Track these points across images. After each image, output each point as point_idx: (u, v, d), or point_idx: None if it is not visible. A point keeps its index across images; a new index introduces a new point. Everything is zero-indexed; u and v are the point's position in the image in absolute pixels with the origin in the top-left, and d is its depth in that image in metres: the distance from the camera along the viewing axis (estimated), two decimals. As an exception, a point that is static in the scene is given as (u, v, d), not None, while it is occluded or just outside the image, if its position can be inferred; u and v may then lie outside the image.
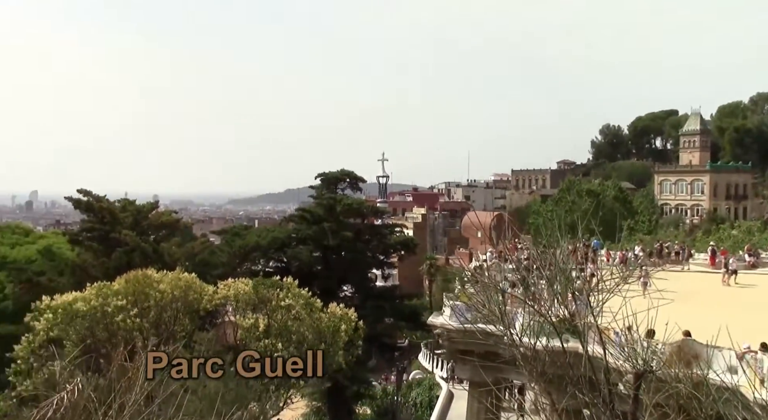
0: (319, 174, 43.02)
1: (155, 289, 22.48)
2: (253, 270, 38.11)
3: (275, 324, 22.95)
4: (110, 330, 21.60)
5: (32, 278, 34.83)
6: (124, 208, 38.09)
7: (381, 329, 37.61)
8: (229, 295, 23.90)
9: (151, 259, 32.94)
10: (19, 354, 20.69)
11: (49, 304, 21.43)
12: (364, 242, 40.61)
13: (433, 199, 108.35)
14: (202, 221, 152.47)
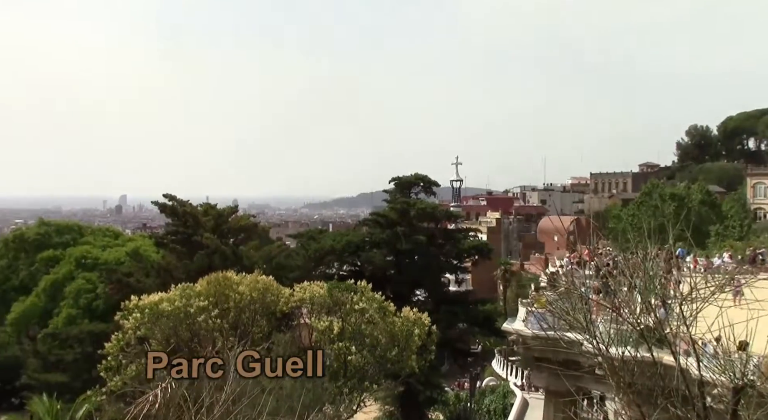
0: (393, 178, 43.21)
1: (235, 291, 23.15)
2: (328, 273, 38.67)
3: (349, 327, 23.14)
4: (192, 330, 22.39)
5: (121, 279, 36.61)
6: (206, 212, 39.49)
7: (454, 334, 37.28)
8: (305, 297, 24.30)
9: (230, 261, 34.01)
10: (110, 351, 21.69)
11: (137, 303, 22.39)
12: (438, 247, 40.41)
13: (508, 203, 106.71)
14: (278, 225, 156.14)
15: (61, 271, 48.56)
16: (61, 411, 18.14)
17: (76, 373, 31.79)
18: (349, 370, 21.89)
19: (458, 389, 43.34)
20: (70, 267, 48.59)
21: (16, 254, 54.11)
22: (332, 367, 21.93)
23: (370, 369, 22.40)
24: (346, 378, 21.54)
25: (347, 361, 21.87)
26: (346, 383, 21.30)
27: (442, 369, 38.82)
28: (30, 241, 54.39)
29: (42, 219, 62.42)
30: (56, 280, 47.92)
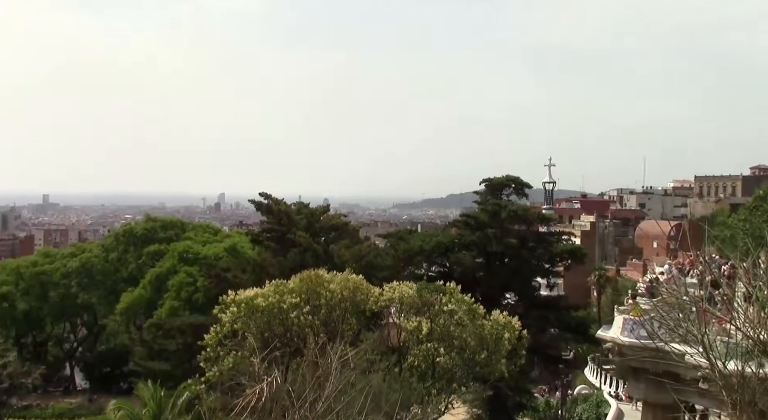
0: (483, 179, 42.68)
1: (326, 289, 23.61)
2: (416, 274, 38.69)
3: (438, 328, 23.05)
4: (285, 325, 23.05)
5: (219, 274, 38.22)
6: (299, 210, 40.57)
7: (545, 340, 36.33)
8: (394, 297, 24.41)
9: (322, 259, 34.76)
10: (208, 343, 22.67)
11: (234, 298, 23.27)
12: (529, 250, 39.51)
13: (604, 206, 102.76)
14: (367, 224, 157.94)
15: (165, 265, 51.26)
16: (164, 397, 19.13)
17: (178, 362, 33.49)
18: (437, 372, 21.82)
19: (548, 396, 42.23)
20: (173, 261, 51.19)
21: (126, 248, 57.60)
22: (420, 367, 21.94)
23: (459, 371, 22.22)
24: (434, 379, 21.48)
25: (435, 362, 21.80)
26: (434, 384, 21.22)
27: (531, 374, 37.98)
28: (138, 235, 57.82)
29: (149, 215, 66.29)
30: (160, 274, 50.66)
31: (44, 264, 57.67)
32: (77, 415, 44.22)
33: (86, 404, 48.44)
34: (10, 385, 23.20)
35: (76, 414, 44.66)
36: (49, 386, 53.59)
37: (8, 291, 55.35)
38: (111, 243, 59.36)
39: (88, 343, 62.56)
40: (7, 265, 61.05)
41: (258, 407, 3.49)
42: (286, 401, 3.56)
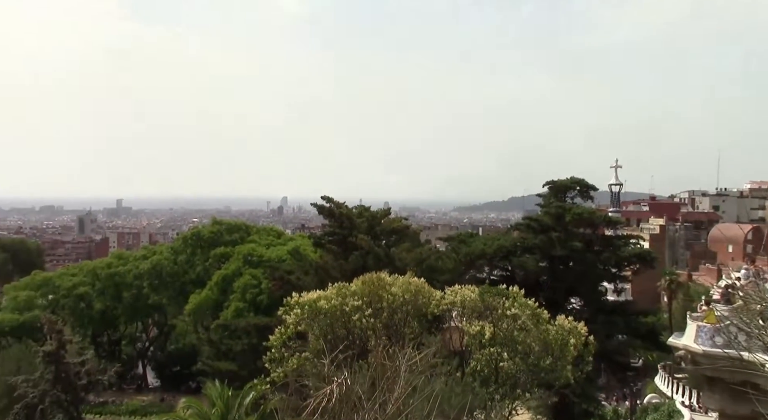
0: (547, 182, 41.84)
1: (388, 292, 23.62)
2: (478, 277, 38.29)
3: (501, 333, 22.69)
4: (348, 328, 23.18)
5: (283, 276, 38.89)
6: (360, 214, 40.85)
7: (612, 346, 35.25)
8: (456, 301, 24.20)
9: (383, 262, 34.86)
10: (273, 344, 23.04)
11: (297, 300, 23.57)
12: (595, 253, 38.46)
13: (674, 209, 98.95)
14: (428, 227, 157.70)
15: (230, 267, 52.48)
16: (231, 397, 19.58)
17: (244, 363, 34.25)
18: (500, 377, 21.46)
19: (616, 404, 40.93)
20: (239, 263, 52.35)
21: (193, 250, 59.31)
22: (483, 372, 21.64)
23: (522, 376, 21.80)
24: (498, 384, 21.13)
25: (498, 367, 21.46)
26: (498, 390, 20.89)
27: (599, 381, 36.90)
28: (205, 238, 59.46)
29: (215, 218, 68.09)
30: (226, 275, 51.87)
31: (118, 266, 60.05)
32: (149, 412, 45.82)
33: (158, 402, 50.15)
34: (88, 381, 24.30)
35: (148, 411, 46.28)
36: (123, 384, 55.70)
37: (85, 291, 57.92)
38: (179, 246, 61.16)
39: (158, 342, 64.77)
40: (84, 266, 63.86)
41: (328, 408, 3.51)
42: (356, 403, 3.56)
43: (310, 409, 3.67)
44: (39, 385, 23.35)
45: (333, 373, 4.00)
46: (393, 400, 3.65)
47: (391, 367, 4.03)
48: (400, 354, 4.23)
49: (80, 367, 24.28)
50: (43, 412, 22.95)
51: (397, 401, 3.68)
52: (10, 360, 39.39)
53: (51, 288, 58.35)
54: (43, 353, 23.55)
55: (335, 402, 3.65)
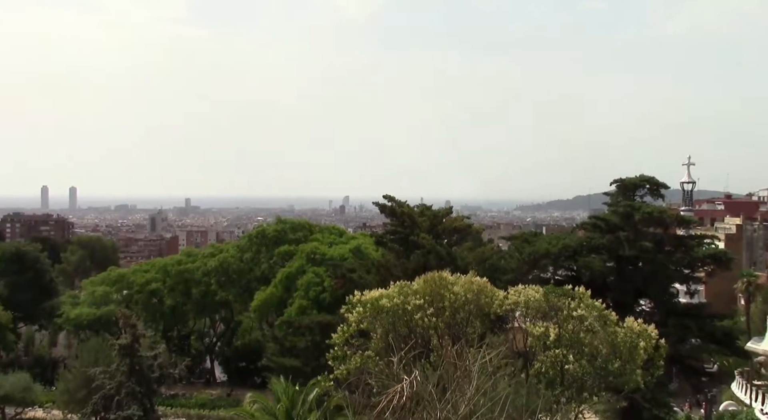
0: (615, 180, 40.56)
1: (450, 291, 23.47)
2: (542, 277, 37.56)
3: (566, 334, 22.17)
4: (409, 326, 23.18)
5: (345, 274, 39.25)
6: (421, 212, 40.77)
7: (685, 350, 33.90)
8: (519, 301, 23.80)
9: (445, 261, 34.67)
10: (336, 341, 23.28)
11: (360, 298, 23.72)
12: (666, 254, 37.04)
13: (751, 207, 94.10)
14: (490, 227, 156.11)
15: (294, 265, 53.27)
16: (296, 393, 19.91)
17: (307, 359, 34.79)
18: (566, 379, 20.98)
19: (689, 411, 39.31)
20: (302, 261, 53.10)
21: (258, 248, 60.54)
22: (548, 374, 21.21)
23: (589, 380, 21.24)
24: (563, 387, 20.67)
25: (564, 369, 20.98)
26: (563, 392, 20.43)
27: (670, 387, 35.53)
28: (269, 237, 60.62)
29: (279, 217, 69.34)
30: (290, 273, 52.69)
31: (187, 263, 61.97)
32: (217, 406, 47.10)
33: (224, 396, 51.55)
34: (160, 374, 25.29)
35: (216, 405, 47.60)
36: (192, 377, 57.45)
37: (157, 287, 60.10)
38: (245, 244, 62.59)
39: (225, 338, 66.51)
40: (156, 263, 66.25)
41: (398, 407, 3.49)
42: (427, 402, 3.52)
43: (381, 407, 3.65)
44: (115, 377, 24.46)
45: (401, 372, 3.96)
46: (465, 401, 3.60)
47: (461, 367, 3.96)
48: (469, 354, 4.16)
49: (153, 361, 25.29)
50: (119, 402, 24.01)
51: (470, 402, 3.62)
52: (88, 352, 41.36)
53: (125, 284, 60.81)
54: (119, 346, 24.65)
55: (405, 400, 3.62)
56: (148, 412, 24.89)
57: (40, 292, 64.73)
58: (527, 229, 78.19)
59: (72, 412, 39.14)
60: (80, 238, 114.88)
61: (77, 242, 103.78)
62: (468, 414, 3.45)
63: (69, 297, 63.53)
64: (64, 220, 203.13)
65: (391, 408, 3.44)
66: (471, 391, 3.60)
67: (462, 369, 3.76)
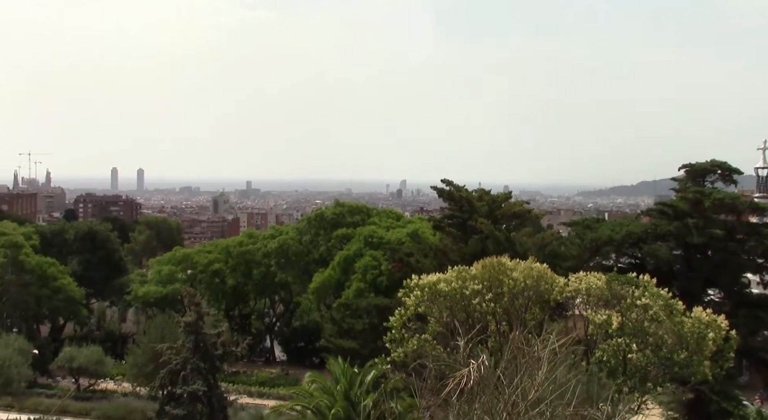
0: (683, 165, 38.96)
1: (508, 277, 23.14)
2: (604, 265, 36.61)
3: (629, 323, 21.56)
4: (467, 311, 23.04)
5: (403, 258, 39.30)
6: (480, 197, 40.31)
7: (758, 343, 32.49)
8: (580, 288, 23.26)
9: (503, 247, 34.22)
10: (393, 324, 23.39)
11: (417, 282, 23.72)
12: (738, 242, 35.41)
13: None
14: (549, 212, 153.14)
15: (352, 248, 53.79)
16: (354, 374, 20.17)
17: (364, 341, 35.15)
18: (628, 369, 20.45)
19: (760, 405, 37.78)
20: (359, 245, 53.55)
21: (317, 231, 61.43)
22: (609, 363, 20.73)
23: (653, 370, 20.62)
24: (626, 376, 20.16)
25: (626, 358, 20.45)
26: (625, 382, 19.93)
27: (740, 380, 34.23)
28: (328, 219, 61.37)
29: (337, 201, 70.04)
30: (348, 256, 53.23)
31: (248, 244, 63.46)
32: (276, 384, 48.34)
33: (283, 375, 52.83)
34: (223, 352, 26.10)
35: (275, 383, 48.86)
36: (253, 356, 59.15)
37: (220, 268, 61.87)
38: (304, 226, 63.59)
39: (284, 318, 68.00)
40: (218, 244, 68.15)
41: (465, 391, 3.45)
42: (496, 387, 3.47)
43: (447, 390, 3.61)
44: (181, 353, 25.39)
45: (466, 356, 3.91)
46: (535, 386, 3.52)
47: (529, 353, 3.88)
48: (537, 341, 4.07)
49: (216, 338, 26.12)
50: (185, 377, 24.93)
51: (539, 388, 3.53)
52: (155, 328, 43.13)
53: (189, 264, 62.85)
54: (184, 324, 25.53)
55: (473, 385, 3.56)
56: (212, 387, 25.75)
57: (110, 270, 67.63)
58: (588, 215, 76.41)
59: (141, 385, 41.00)
60: (147, 219, 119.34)
61: (145, 223, 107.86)
62: (537, 400, 3.37)
63: (137, 275, 66.19)
64: (133, 201, 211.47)
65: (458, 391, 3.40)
66: (540, 377, 3.52)
67: (530, 355, 3.68)
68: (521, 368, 3.74)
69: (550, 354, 3.92)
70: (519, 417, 3.51)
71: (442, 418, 3.66)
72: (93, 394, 43.75)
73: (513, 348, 3.86)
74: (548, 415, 3.59)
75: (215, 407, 25.75)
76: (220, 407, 26.06)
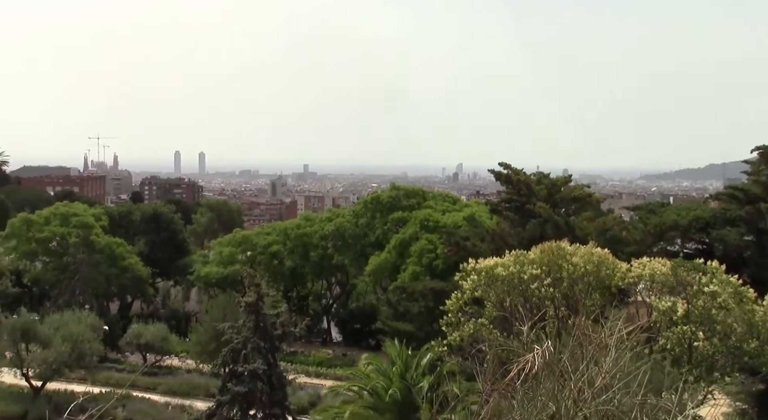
0: (756, 147, 37.14)
1: (568, 262, 22.73)
2: (669, 250, 35.47)
3: (696, 311, 20.85)
4: (525, 296, 22.76)
5: (459, 242, 39.09)
6: (539, 181, 39.61)
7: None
8: (644, 274, 22.63)
9: (562, 231, 33.58)
10: (450, 308, 23.36)
11: (474, 266, 23.57)
12: (815, 227, 33.69)
13: None
14: (611, 196, 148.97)
15: (407, 232, 53.79)
16: (410, 357, 20.28)
17: (420, 325, 35.28)
18: (694, 358, 19.83)
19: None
20: (415, 228, 53.48)
21: (373, 214, 61.61)
22: (674, 351, 20.15)
23: (721, 359, 19.95)
24: (691, 365, 19.55)
25: (692, 347, 19.81)
26: (691, 371, 19.33)
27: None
28: (384, 203, 61.45)
29: (393, 184, 70.04)
30: (404, 239, 53.28)
31: (306, 227, 64.37)
32: (333, 365, 49.11)
33: (340, 356, 53.64)
34: (282, 332, 26.70)
35: (332, 364, 49.64)
36: (310, 337, 60.21)
37: (278, 250, 63.05)
38: (360, 209, 63.88)
39: (341, 300, 68.84)
40: (276, 227, 69.37)
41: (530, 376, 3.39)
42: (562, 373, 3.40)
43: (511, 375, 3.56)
44: (241, 332, 26.09)
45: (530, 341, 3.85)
46: (602, 374, 3.42)
47: (596, 340, 3.78)
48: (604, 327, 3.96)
49: (276, 319, 26.72)
50: (246, 356, 25.64)
51: (606, 375, 3.44)
52: (217, 308, 44.43)
53: (249, 245, 64.29)
54: (245, 304, 26.18)
55: (538, 370, 3.50)
56: (272, 366, 26.39)
57: (174, 250, 69.89)
58: (652, 199, 74.02)
59: (204, 362, 42.39)
60: (209, 201, 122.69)
61: (206, 205, 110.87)
62: (604, 388, 3.28)
63: (199, 256, 68.20)
64: (195, 183, 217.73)
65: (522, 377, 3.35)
66: (608, 364, 3.42)
67: (597, 341, 3.58)
68: (587, 355, 3.64)
69: (618, 341, 3.80)
70: (586, 404, 3.43)
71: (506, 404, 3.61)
72: (159, 369, 45.55)
73: (579, 334, 3.76)
74: (616, 403, 3.49)
75: (275, 385, 26.41)
76: (279, 385, 26.70)
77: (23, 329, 34.61)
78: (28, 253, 57.52)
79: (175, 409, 36.12)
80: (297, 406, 32.03)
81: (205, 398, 37.06)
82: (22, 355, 34.52)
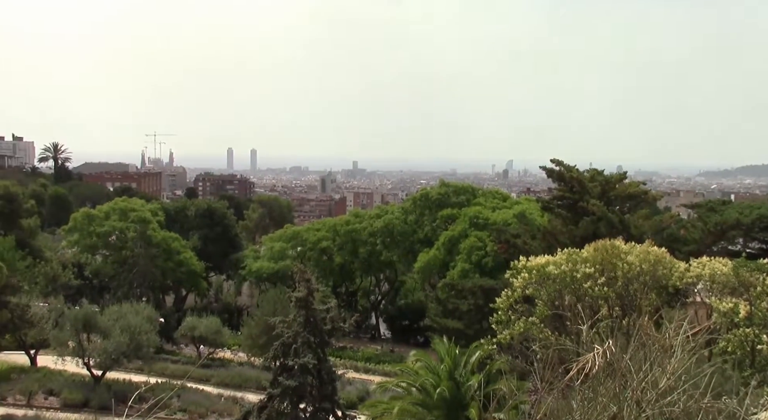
0: (825, 141, 35.48)
1: (623, 261, 22.14)
2: (730, 250, 34.18)
3: (759, 312, 20.03)
4: (577, 295, 22.29)
5: (509, 239, 38.65)
6: (592, 178, 38.73)
7: None
8: (703, 274, 21.86)
9: (617, 229, 32.77)
10: (500, 306, 23.08)
11: (525, 264, 23.21)
12: None
13: None
14: (668, 194, 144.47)
15: (457, 229, 53.48)
16: (458, 354, 20.13)
17: (469, 322, 35.04)
18: (757, 361, 19.05)
19: None
20: (465, 225, 53.10)
21: (422, 211, 61.54)
22: (735, 354, 19.40)
23: (786, 364, 19.08)
24: (754, 369, 18.79)
25: (755, 350, 19.04)
26: (753, 375, 18.56)
27: None
28: (433, 199, 61.28)
29: (443, 180, 69.69)
30: (453, 236, 53.00)
31: (355, 223, 64.75)
32: (382, 361, 49.29)
33: (388, 352, 53.77)
34: (331, 327, 26.91)
35: (381, 360, 49.83)
36: (359, 333, 60.59)
37: (327, 246, 63.65)
38: (409, 206, 63.88)
39: (390, 296, 68.99)
40: (326, 222, 70.02)
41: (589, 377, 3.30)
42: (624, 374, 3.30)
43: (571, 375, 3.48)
44: (292, 327, 26.40)
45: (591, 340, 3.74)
46: (667, 375, 3.30)
47: (660, 341, 3.65)
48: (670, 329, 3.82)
49: (325, 314, 26.93)
50: (296, 350, 25.95)
51: (671, 377, 3.32)
52: (268, 302, 45.18)
53: (299, 241, 65.12)
54: (296, 299, 26.47)
55: (598, 371, 3.40)
56: (322, 361, 26.63)
57: (227, 245, 71.39)
58: (712, 197, 71.43)
59: (255, 356, 43.19)
60: (260, 197, 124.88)
61: (258, 201, 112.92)
62: (668, 390, 3.16)
63: (251, 251, 69.42)
64: (247, 179, 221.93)
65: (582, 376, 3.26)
66: (672, 365, 3.30)
67: (661, 342, 3.46)
68: (650, 356, 3.52)
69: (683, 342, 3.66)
70: (649, 405, 3.31)
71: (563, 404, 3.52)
72: (212, 361, 46.63)
73: (641, 334, 3.64)
74: (681, 406, 3.36)
75: (324, 380, 26.64)
76: (329, 380, 26.91)
77: (85, 320, 35.97)
78: (89, 247, 59.71)
79: (228, 401, 36.87)
80: (346, 400, 32.24)
81: (256, 391, 37.71)
82: (84, 344, 35.86)
